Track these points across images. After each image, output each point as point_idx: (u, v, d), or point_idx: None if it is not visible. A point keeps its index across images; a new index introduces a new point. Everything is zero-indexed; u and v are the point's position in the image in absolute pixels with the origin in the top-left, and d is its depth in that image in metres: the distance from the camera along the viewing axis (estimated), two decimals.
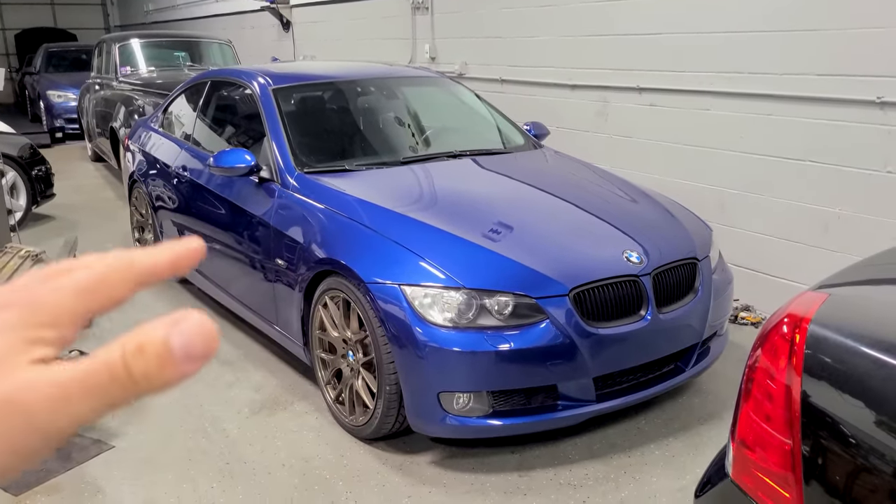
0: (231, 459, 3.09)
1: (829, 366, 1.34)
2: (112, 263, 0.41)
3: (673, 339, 3.18)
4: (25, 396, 0.35)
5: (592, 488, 2.87)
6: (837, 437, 1.31)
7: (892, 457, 1.23)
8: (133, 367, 0.36)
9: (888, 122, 3.70)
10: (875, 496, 1.27)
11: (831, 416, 1.32)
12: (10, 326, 0.38)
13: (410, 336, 2.85)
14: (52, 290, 0.40)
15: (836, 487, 1.27)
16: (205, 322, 0.38)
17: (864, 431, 1.28)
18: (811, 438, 1.30)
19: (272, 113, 4.04)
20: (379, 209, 3.36)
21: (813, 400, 1.33)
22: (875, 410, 1.28)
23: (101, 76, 9.56)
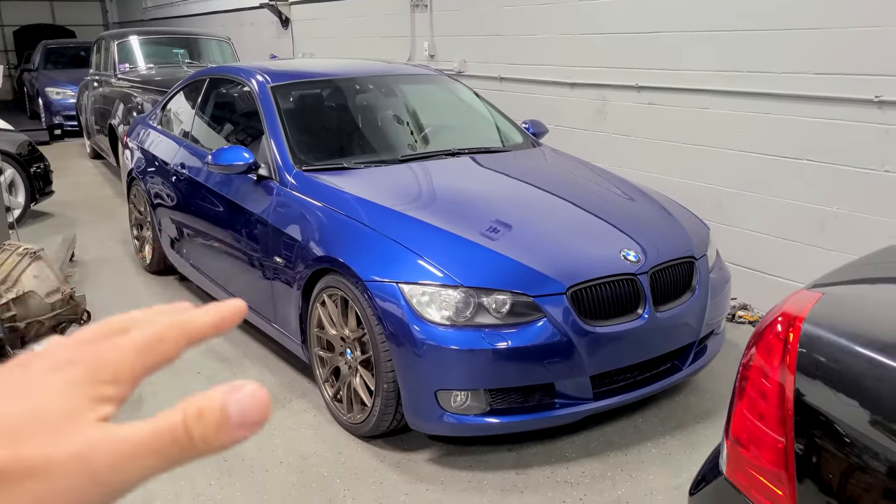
0: (229, 457, 3.09)
1: (822, 364, 1.34)
2: (169, 323, 0.43)
3: (670, 338, 3.19)
4: (94, 454, 0.37)
5: (589, 486, 2.88)
6: (830, 435, 1.31)
7: (885, 455, 1.24)
8: (193, 431, 0.39)
9: (886, 120, 3.71)
10: (868, 494, 1.28)
11: (824, 414, 1.33)
12: (76, 383, 0.40)
13: (408, 334, 2.85)
14: (114, 348, 0.41)
15: (829, 485, 1.28)
16: (259, 392, 0.40)
17: (857, 430, 1.28)
18: (804, 436, 1.31)
19: (270, 111, 4.04)
20: (377, 207, 3.37)
21: (806, 398, 1.33)
22: (868, 409, 1.29)
23: (99, 73, 9.55)
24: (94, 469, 0.37)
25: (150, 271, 5.44)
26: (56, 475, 0.37)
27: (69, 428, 0.38)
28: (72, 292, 3.33)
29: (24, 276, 3.19)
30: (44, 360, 0.41)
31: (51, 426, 0.38)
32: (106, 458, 0.38)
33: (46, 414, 0.38)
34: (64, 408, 0.39)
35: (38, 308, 3.19)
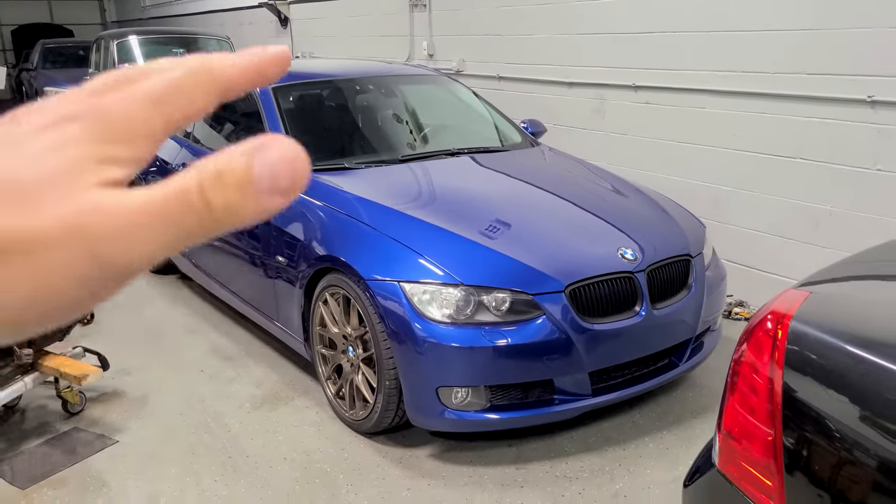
0: (233, 453, 3.15)
1: (809, 360, 1.40)
2: (191, 67, 0.36)
3: (667, 335, 3.24)
4: (88, 221, 0.31)
5: (588, 480, 2.94)
6: (817, 428, 1.37)
7: (870, 448, 1.29)
8: (211, 196, 0.32)
9: (878, 120, 3.76)
10: (853, 484, 1.33)
11: (811, 408, 1.38)
12: (76, 141, 0.33)
13: (410, 332, 2.91)
14: (124, 98, 0.34)
15: (816, 475, 1.33)
16: (294, 150, 0.33)
17: (843, 423, 1.34)
18: (792, 430, 1.37)
19: (272, 111, 4.09)
20: (378, 207, 3.42)
21: (794, 393, 1.39)
22: (853, 404, 1.34)
23: (99, 72, 9.58)
24: (91, 239, 0.31)
25: (152, 270, 5.48)
26: (45, 248, 0.30)
27: (61, 193, 0.31)
28: None
29: None
30: (39, 116, 0.34)
31: (38, 192, 0.31)
32: (104, 226, 0.31)
33: (34, 179, 0.31)
34: (57, 170, 0.32)
35: None
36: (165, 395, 3.65)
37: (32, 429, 3.35)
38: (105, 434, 3.30)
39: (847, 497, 1.33)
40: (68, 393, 3.40)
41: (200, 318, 4.63)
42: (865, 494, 1.31)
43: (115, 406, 3.54)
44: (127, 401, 3.60)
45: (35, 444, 3.23)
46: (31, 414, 3.49)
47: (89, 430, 3.33)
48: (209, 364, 4.00)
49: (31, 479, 2.96)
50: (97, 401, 3.58)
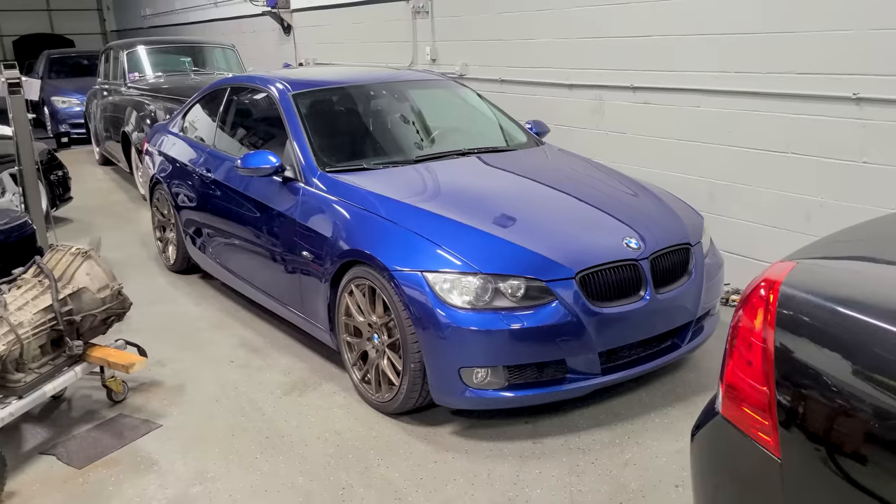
0: (270, 434, 3.39)
1: (798, 320, 1.65)
2: None
3: (670, 318, 3.50)
4: None
5: (600, 452, 3.19)
6: (807, 381, 1.61)
7: (856, 395, 1.53)
8: None
9: (863, 116, 4.03)
10: (840, 429, 1.57)
11: (801, 363, 1.63)
12: None
13: (433, 318, 3.15)
14: None
15: (806, 421, 1.58)
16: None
17: (831, 376, 1.58)
18: (783, 380, 1.61)
19: (293, 117, 4.34)
20: (397, 203, 3.66)
21: (785, 350, 1.63)
22: (839, 357, 1.58)
23: (108, 82, 9.83)
24: None
25: (174, 271, 5.73)
26: None
27: None
28: (120, 287, 3.62)
29: (77, 274, 3.47)
30: None
31: None
32: None
33: None
34: None
35: (90, 302, 3.48)
36: (201, 384, 3.89)
37: (80, 416, 3.59)
38: (149, 419, 3.54)
39: (833, 438, 1.57)
40: (112, 382, 3.64)
41: (225, 314, 4.87)
42: (850, 436, 1.55)
43: (155, 394, 3.78)
44: (165, 389, 3.84)
45: (85, 429, 3.47)
46: (76, 403, 3.72)
47: (134, 416, 3.57)
48: (238, 355, 4.24)
49: (87, 460, 3.20)
50: (137, 390, 3.82)
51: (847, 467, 1.51)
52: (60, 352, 3.42)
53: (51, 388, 3.33)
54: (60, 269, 3.47)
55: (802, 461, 1.59)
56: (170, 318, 4.85)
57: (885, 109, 3.93)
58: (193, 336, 4.55)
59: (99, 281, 3.53)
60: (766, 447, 1.63)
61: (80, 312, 3.44)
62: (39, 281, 3.43)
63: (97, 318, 3.52)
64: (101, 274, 3.55)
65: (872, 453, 1.48)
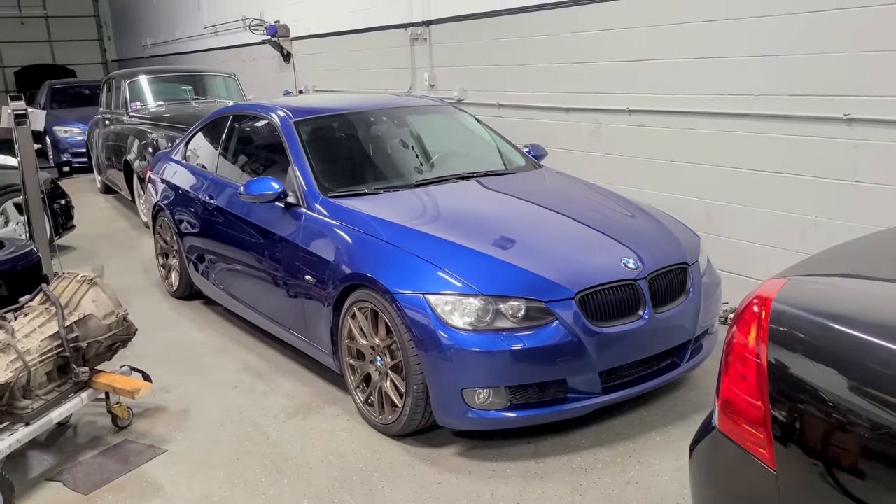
0: (274, 458, 3.42)
1: (789, 335, 1.69)
2: None
3: (669, 337, 3.54)
4: None
5: (602, 471, 3.22)
6: (799, 394, 1.66)
7: (847, 409, 1.58)
8: None
9: (854, 136, 4.10)
10: (833, 442, 1.61)
11: (793, 377, 1.68)
12: None
13: (435, 340, 3.20)
14: None
15: (800, 434, 1.62)
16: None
17: (823, 389, 1.62)
18: (776, 394, 1.66)
19: (295, 143, 4.41)
20: (398, 227, 3.72)
21: (778, 364, 1.68)
22: (830, 371, 1.63)
23: (110, 111, 9.94)
24: None
25: (177, 297, 5.77)
26: None
27: None
28: (125, 314, 3.66)
29: (83, 301, 3.52)
30: None
31: None
32: None
33: None
34: None
35: (96, 329, 3.53)
36: (205, 409, 3.92)
37: (86, 442, 3.62)
38: (154, 444, 3.57)
39: (826, 450, 1.61)
40: (118, 408, 3.67)
41: (228, 339, 4.91)
42: (843, 448, 1.60)
43: (160, 420, 3.82)
44: (170, 415, 3.87)
45: (90, 455, 3.50)
46: (81, 429, 3.75)
47: (139, 442, 3.60)
48: (242, 380, 4.27)
49: (93, 486, 3.23)
50: (142, 416, 3.85)
51: (843, 480, 1.55)
52: (67, 378, 3.46)
53: (57, 415, 3.36)
54: (67, 296, 3.52)
55: (798, 474, 1.63)
56: (174, 344, 4.89)
57: (875, 129, 4.01)
58: (197, 361, 4.59)
59: (104, 308, 3.58)
60: (762, 461, 1.68)
61: (86, 339, 3.49)
62: (46, 308, 3.48)
63: (103, 345, 3.57)
64: (106, 301, 3.60)
65: (867, 466, 1.52)
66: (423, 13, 7.69)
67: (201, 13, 13.95)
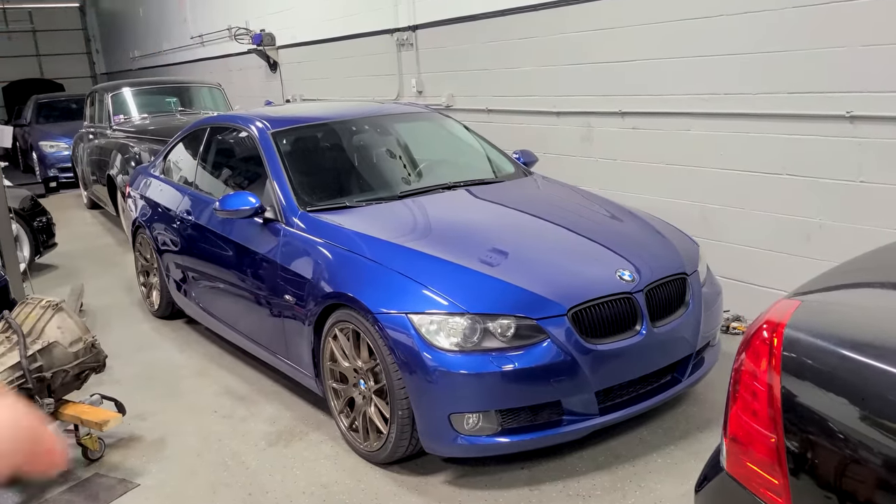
0: (253, 490, 3.22)
1: (805, 365, 1.50)
2: None
3: (668, 352, 3.34)
4: None
5: (601, 498, 3.02)
6: (817, 429, 1.46)
7: (870, 445, 1.39)
8: None
9: (858, 134, 3.92)
10: (856, 480, 1.42)
11: (810, 410, 1.48)
12: None
13: (420, 362, 3.00)
14: None
15: (819, 473, 1.43)
16: None
17: (842, 423, 1.43)
18: (793, 432, 1.47)
19: (272, 155, 4.22)
20: (381, 242, 3.53)
21: (792, 396, 1.49)
22: (849, 403, 1.44)
23: (94, 125, 9.75)
24: None
25: (158, 316, 5.57)
26: None
27: None
28: (93, 340, 3.46)
29: (48, 328, 3.32)
30: None
31: None
32: None
33: None
34: None
35: (62, 357, 3.32)
36: (182, 437, 3.72)
37: (54, 478, 3.41)
38: (126, 478, 3.36)
39: (849, 492, 1.42)
40: (88, 440, 3.47)
41: (209, 361, 4.71)
42: (868, 489, 1.41)
43: (134, 450, 3.61)
44: (144, 445, 3.66)
45: (58, 492, 3.29)
46: None
47: (110, 476, 3.39)
48: (222, 404, 4.07)
49: None
50: (115, 446, 3.65)
51: None
52: None
53: None
54: (30, 323, 3.32)
55: None
56: (153, 366, 4.68)
57: (880, 127, 3.82)
58: (176, 385, 4.39)
59: (71, 334, 3.38)
60: None
61: (51, 368, 3.29)
62: (7, 337, 3.28)
63: (69, 374, 3.37)
64: (73, 327, 3.40)
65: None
66: (408, 18, 7.50)
67: (187, 24, 13.77)
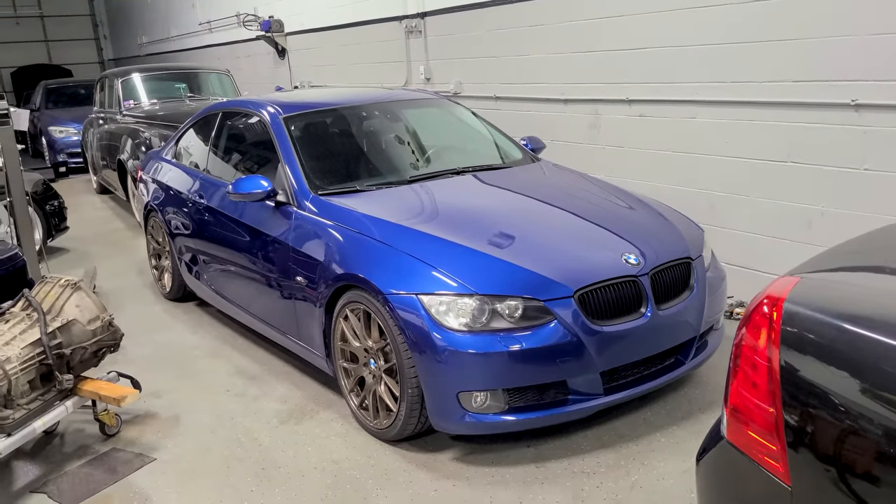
0: (266, 465, 3.31)
1: (803, 338, 1.57)
2: None
3: (672, 334, 3.41)
4: None
5: (605, 475, 3.10)
6: (814, 401, 1.54)
7: (866, 416, 1.46)
8: None
9: (863, 122, 3.96)
10: (851, 450, 1.49)
11: (808, 382, 1.55)
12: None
13: (429, 342, 3.08)
14: None
15: (815, 442, 1.50)
16: None
17: (840, 395, 1.50)
18: (791, 403, 1.54)
19: (284, 140, 4.29)
20: (391, 225, 3.60)
21: (791, 369, 1.56)
22: (847, 375, 1.51)
23: (104, 110, 9.82)
24: None
25: (170, 298, 5.66)
26: None
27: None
28: (111, 319, 3.55)
29: (66, 306, 3.41)
30: None
31: None
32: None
33: None
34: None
35: (81, 335, 3.41)
36: (196, 415, 3.81)
37: (73, 451, 3.51)
38: (143, 453, 3.46)
39: (845, 461, 1.49)
40: (105, 415, 3.56)
41: (221, 342, 4.80)
42: (862, 458, 1.48)
43: (149, 427, 3.70)
44: (160, 421, 3.76)
45: (77, 465, 3.39)
46: (69, 438, 3.64)
47: (127, 450, 3.49)
48: (234, 384, 4.16)
49: (78, 498, 3.12)
50: (131, 422, 3.74)
51: (861, 491, 1.43)
52: (50, 386, 3.34)
53: (41, 424, 3.25)
54: (49, 301, 3.40)
55: (814, 487, 1.51)
56: (166, 346, 4.78)
57: (885, 115, 3.87)
58: (189, 365, 4.48)
59: (89, 312, 3.46)
60: (774, 474, 1.55)
61: (70, 345, 3.37)
62: (27, 314, 3.36)
63: (88, 351, 3.45)
64: (91, 305, 3.48)
65: (886, 476, 1.40)
66: (417, 5, 7.54)
67: (196, 10, 13.81)
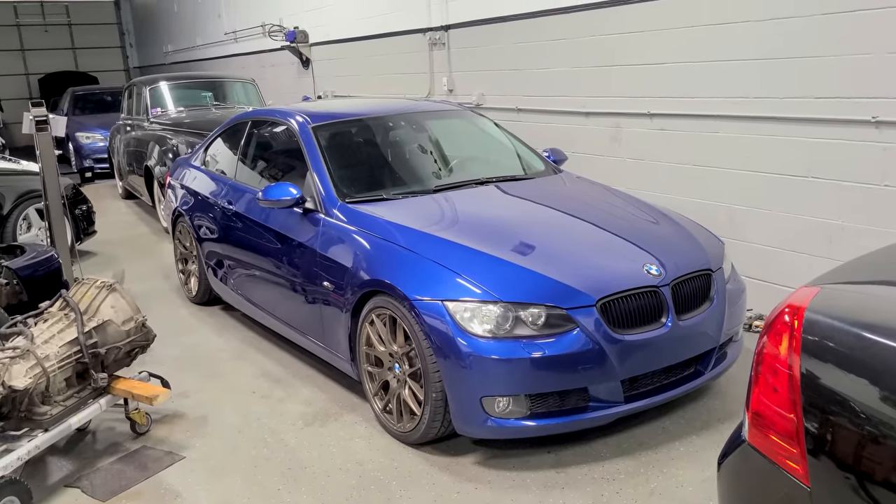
0: (292, 465, 3.39)
1: (824, 346, 1.63)
2: None
3: (692, 345, 3.47)
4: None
5: (624, 481, 3.15)
6: (835, 408, 1.59)
7: (883, 420, 1.51)
8: None
9: (883, 139, 4.01)
10: (871, 458, 1.55)
11: (828, 389, 1.62)
12: None
13: (454, 347, 3.15)
14: None
15: (835, 449, 1.56)
16: None
17: (860, 402, 1.56)
18: (810, 408, 1.60)
19: (313, 149, 4.39)
20: (417, 233, 3.69)
21: (811, 376, 1.62)
22: (867, 383, 1.57)
23: (131, 117, 10.01)
24: None
25: (196, 302, 5.77)
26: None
27: None
28: (144, 320, 3.66)
29: (102, 307, 3.52)
30: None
31: None
32: None
33: None
34: None
35: (115, 335, 3.52)
36: (223, 415, 3.90)
37: (104, 448, 3.61)
38: (172, 451, 3.55)
39: (863, 467, 1.55)
40: (136, 414, 3.66)
41: (246, 345, 4.90)
42: (880, 463, 1.53)
43: (178, 426, 3.80)
44: (188, 421, 3.85)
45: (109, 461, 3.49)
46: (100, 435, 3.75)
47: (157, 448, 3.59)
48: (260, 386, 4.25)
49: (111, 493, 3.21)
50: (161, 422, 3.84)
51: (879, 496, 1.49)
52: (85, 384, 3.45)
53: (76, 421, 3.36)
54: (86, 302, 3.52)
55: (833, 490, 1.57)
56: (193, 349, 4.88)
57: None
58: (216, 367, 4.58)
59: (124, 313, 3.57)
60: (794, 476, 1.61)
61: (105, 345, 3.48)
62: (65, 314, 3.47)
63: (121, 351, 3.56)
64: (125, 307, 3.59)
65: None
66: (441, 18, 7.66)
67: (221, 20, 14.04)
